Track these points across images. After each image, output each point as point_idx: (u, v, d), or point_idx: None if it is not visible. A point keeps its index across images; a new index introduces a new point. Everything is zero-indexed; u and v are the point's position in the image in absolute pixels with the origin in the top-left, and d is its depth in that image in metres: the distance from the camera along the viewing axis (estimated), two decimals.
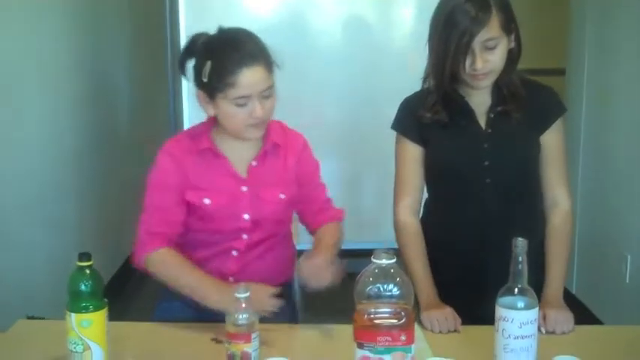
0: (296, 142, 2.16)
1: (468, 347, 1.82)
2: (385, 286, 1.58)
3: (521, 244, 1.62)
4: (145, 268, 2.05)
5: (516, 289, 1.62)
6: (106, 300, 1.70)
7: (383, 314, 1.58)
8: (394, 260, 1.59)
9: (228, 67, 1.92)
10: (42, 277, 3.10)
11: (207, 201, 2.05)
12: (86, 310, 1.65)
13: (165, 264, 2.02)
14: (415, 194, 2.14)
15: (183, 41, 4.27)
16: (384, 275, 1.58)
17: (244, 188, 2.07)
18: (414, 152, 2.11)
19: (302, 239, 2.35)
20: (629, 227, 3.42)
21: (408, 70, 4.52)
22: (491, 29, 1.90)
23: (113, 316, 1.74)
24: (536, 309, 1.63)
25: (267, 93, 1.96)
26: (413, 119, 2.09)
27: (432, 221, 2.17)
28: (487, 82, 2.00)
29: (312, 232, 2.22)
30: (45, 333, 1.94)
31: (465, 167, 2.07)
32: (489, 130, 2.05)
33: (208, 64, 1.95)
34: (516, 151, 2.07)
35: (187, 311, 2.15)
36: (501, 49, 1.94)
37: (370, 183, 4.77)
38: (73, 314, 1.65)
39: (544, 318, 1.90)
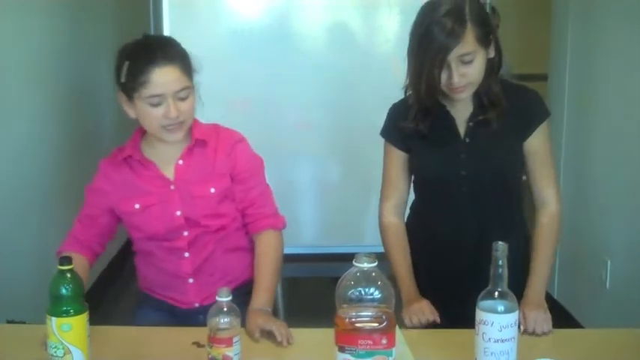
0: (228, 138, 2.16)
1: (449, 350, 1.83)
2: (367, 290, 1.59)
3: (501, 247, 1.63)
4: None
5: (496, 293, 1.63)
6: (86, 304, 1.70)
7: (364, 318, 1.59)
8: (376, 264, 1.59)
9: (141, 66, 1.98)
10: (23, 282, 3.09)
11: (137, 206, 2.10)
12: (67, 314, 1.65)
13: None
14: (399, 196, 2.19)
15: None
16: (366, 279, 1.59)
17: (172, 187, 2.11)
18: (399, 158, 2.16)
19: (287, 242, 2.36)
20: (609, 232, 3.45)
21: (392, 74, 4.53)
22: (467, 44, 1.91)
23: (96, 321, 1.74)
24: (516, 312, 1.64)
25: (184, 94, 2.01)
26: (397, 127, 2.12)
27: (416, 224, 2.23)
28: (466, 94, 2.01)
29: (251, 234, 2.22)
30: (25, 337, 1.93)
31: (442, 177, 2.10)
32: (467, 140, 2.07)
33: (125, 64, 2.02)
34: (492, 160, 2.08)
35: (161, 316, 2.18)
36: (478, 62, 1.94)
37: (353, 187, 4.76)
38: (53, 318, 1.64)
39: (524, 317, 1.92)
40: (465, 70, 1.93)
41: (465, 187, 2.08)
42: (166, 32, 4.40)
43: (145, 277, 2.25)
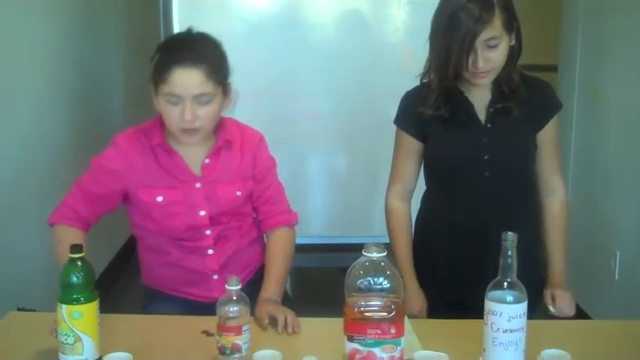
0: (252, 138, 2.16)
1: (458, 340, 1.83)
2: (375, 280, 1.59)
3: (510, 237, 1.63)
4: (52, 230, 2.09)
5: (505, 283, 1.63)
6: (97, 292, 1.71)
7: (373, 307, 1.59)
8: (385, 254, 1.60)
9: (165, 62, 1.94)
10: (34, 270, 3.10)
11: (160, 198, 2.05)
12: (77, 301, 1.66)
13: (60, 242, 2.04)
14: (407, 183, 2.19)
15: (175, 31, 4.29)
16: (375, 268, 1.59)
17: (198, 185, 2.08)
18: (412, 146, 2.15)
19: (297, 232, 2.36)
20: (618, 224, 3.44)
21: (403, 64, 4.56)
22: (494, 28, 1.92)
23: (105, 309, 1.75)
24: (525, 303, 1.64)
25: (205, 99, 1.95)
26: (413, 115, 2.11)
27: (433, 213, 2.22)
28: (488, 80, 2.02)
29: (263, 231, 2.23)
30: (36, 325, 1.94)
31: (464, 161, 2.09)
32: (489, 125, 2.08)
33: (156, 57, 2.00)
34: (515, 146, 2.09)
35: (180, 308, 2.16)
36: (503, 47, 1.96)
37: (362, 178, 4.76)
38: (64, 306, 1.65)
39: (552, 298, 2.05)
40: (490, 55, 1.95)
41: (487, 172, 2.08)
42: (175, 23, 4.40)
43: (154, 275, 2.20)
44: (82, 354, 1.67)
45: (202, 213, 2.08)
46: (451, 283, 2.14)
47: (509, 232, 1.63)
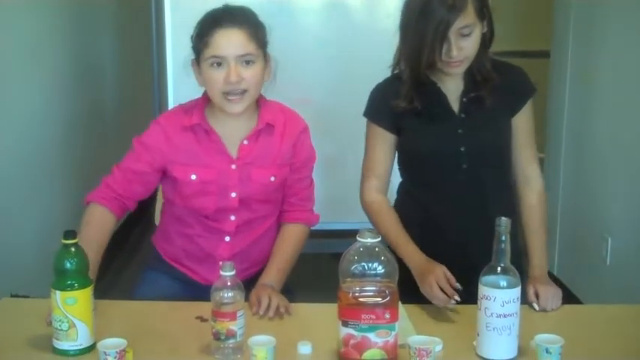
0: (295, 125, 2.14)
1: (451, 325, 1.84)
2: (370, 265, 1.60)
3: (504, 223, 1.64)
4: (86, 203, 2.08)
5: (499, 268, 1.64)
6: (91, 278, 1.70)
7: (367, 292, 1.60)
8: (379, 239, 1.61)
9: (207, 27, 1.98)
10: (28, 256, 3.10)
11: (193, 177, 2.05)
12: (71, 287, 1.66)
13: (88, 223, 2.03)
14: (382, 177, 2.14)
15: (168, 22, 4.27)
16: (369, 254, 1.60)
17: (234, 166, 2.06)
18: (386, 139, 2.11)
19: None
20: (610, 209, 3.45)
21: (391, 50, 4.56)
22: (467, 16, 1.90)
23: (98, 295, 1.75)
24: (519, 288, 1.65)
25: (248, 59, 1.97)
26: (385, 107, 2.08)
27: (409, 206, 2.17)
28: (462, 69, 1.99)
29: (281, 220, 2.21)
30: (29, 311, 1.94)
31: (440, 153, 2.07)
32: (463, 115, 2.06)
33: (197, 28, 2.02)
34: (491, 135, 2.07)
35: (173, 286, 2.17)
36: (476, 35, 1.94)
37: (352, 164, 4.72)
38: (58, 292, 1.65)
39: (536, 295, 1.95)
40: (464, 44, 1.93)
41: (464, 164, 2.06)
42: (167, 8, 4.38)
43: (167, 239, 2.20)
44: (76, 340, 1.67)
45: (233, 195, 2.07)
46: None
47: (503, 218, 1.64)
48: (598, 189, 3.57)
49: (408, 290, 2.07)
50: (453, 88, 2.06)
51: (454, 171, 2.07)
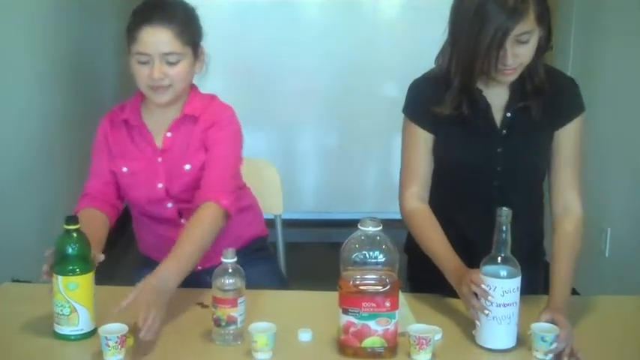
0: (215, 113, 2.10)
1: (450, 315, 1.85)
2: (371, 253, 1.61)
3: (505, 213, 1.64)
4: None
5: (499, 258, 1.65)
6: (92, 263, 1.71)
7: (368, 281, 1.61)
8: (380, 228, 1.61)
9: (136, 22, 2.00)
10: (29, 241, 3.10)
11: (124, 169, 2.10)
12: (73, 272, 1.67)
13: (82, 223, 1.97)
14: (423, 182, 1.98)
15: None
16: (370, 242, 1.61)
17: (159, 159, 2.09)
18: (424, 139, 1.95)
19: (288, 207, 2.36)
20: (609, 201, 3.46)
21: (398, 41, 4.56)
22: (527, 22, 1.72)
23: (98, 282, 1.76)
24: (519, 278, 1.66)
25: (173, 59, 1.99)
26: (427, 108, 1.92)
27: (433, 211, 1.99)
28: (514, 77, 1.83)
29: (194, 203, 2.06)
30: (31, 296, 1.95)
31: (475, 169, 1.94)
32: (504, 132, 1.92)
33: (130, 18, 2.04)
34: (531, 157, 1.95)
35: None
36: (533, 42, 1.77)
37: (354, 154, 4.78)
38: (60, 277, 1.66)
39: (560, 329, 1.67)
40: (520, 51, 1.76)
41: (496, 182, 1.94)
42: None
43: (141, 240, 2.26)
44: (77, 325, 1.68)
45: (160, 185, 2.09)
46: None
47: (504, 208, 1.64)
48: (597, 180, 3.58)
49: (419, 283, 2.09)
50: (497, 96, 1.90)
51: (485, 187, 1.95)
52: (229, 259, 1.67)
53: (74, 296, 1.67)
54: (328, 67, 4.63)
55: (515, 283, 1.65)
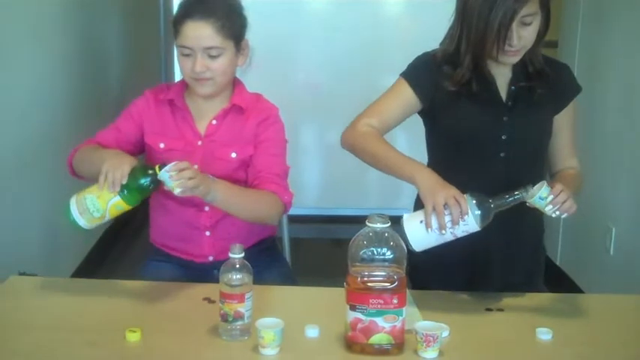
0: (265, 109, 2.17)
1: (457, 312, 1.85)
2: (379, 250, 1.61)
3: (527, 190, 1.77)
4: (71, 160, 2.13)
5: (486, 204, 1.76)
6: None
7: (376, 277, 1.60)
8: (389, 224, 1.61)
9: (180, 15, 2.06)
10: (34, 235, 3.11)
11: (162, 145, 2.14)
12: (128, 202, 1.81)
13: (84, 149, 2.12)
14: (385, 123, 2.01)
15: (176, 2, 4.25)
16: (378, 239, 1.61)
17: (200, 142, 2.13)
18: (409, 99, 2.01)
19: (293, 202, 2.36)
20: (614, 200, 3.46)
21: (402, 36, 4.55)
22: (532, 5, 1.85)
23: (102, 275, 1.76)
24: (478, 230, 1.77)
25: (214, 53, 2.04)
26: (429, 79, 2.00)
27: None
28: (517, 58, 1.93)
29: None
30: (37, 289, 1.96)
31: (481, 139, 2.00)
32: (510, 103, 2.00)
33: (176, 11, 2.10)
34: (534, 128, 2.03)
35: (177, 271, 2.19)
36: (535, 24, 1.89)
37: None
38: (117, 197, 1.80)
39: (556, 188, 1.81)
40: (524, 33, 1.87)
41: (503, 152, 2.00)
42: None
43: (158, 227, 2.25)
44: (89, 224, 1.84)
45: (195, 167, 2.08)
46: (460, 271, 2.03)
47: (535, 188, 1.77)
48: (602, 178, 3.57)
49: (420, 278, 2.08)
50: (501, 74, 2.00)
51: (491, 158, 2.01)
52: (237, 255, 1.67)
53: (111, 213, 1.82)
54: (333, 63, 4.63)
55: (475, 229, 1.76)
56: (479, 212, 1.75)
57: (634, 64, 3.32)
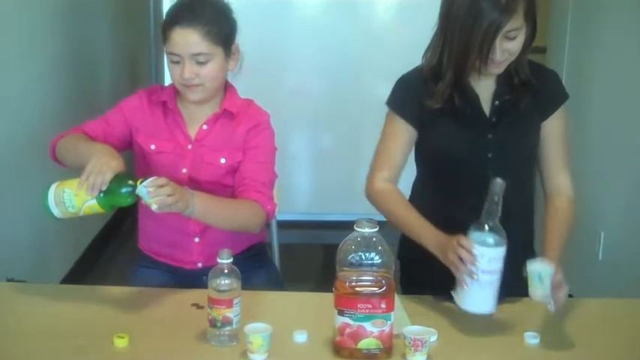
0: (256, 115, 2.17)
1: (445, 316, 1.85)
2: (367, 255, 1.61)
3: (499, 183, 1.67)
4: (54, 147, 2.15)
5: (487, 226, 1.69)
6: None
7: (364, 282, 1.61)
8: (377, 229, 1.61)
9: (168, 22, 2.05)
10: (22, 241, 3.10)
11: (153, 146, 2.13)
12: (102, 206, 1.81)
13: (70, 136, 2.13)
14: (395, 171, 2.02)
15: (166, 7, 4.25)
16: (366, 244, 1.61)
17: (189, 146, 2.13)
18: (406, 132, 2.00)
19: (282, 209, 2.36)
20: (603, 204, 3.47)
21: (393, 43, 4.56)
22: (517, 19, 1.80)
23: (92, 281, 1.76)
24: (505, 247, 1.69)
25: (203, 59, 2.03)
26: (412, 101, 1.97)
27: (423, 204, 2.00)
28: (501, 70, 1.90)
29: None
30: (26, 296, 1.95)
31: (467, 158, 1.98)
32: (494, 119, 1.96)
33: (164, 17, 2.09)
34: (520, 144, 2.00)
35: (166, 277, 2.19)
36: (521, 37, 1.84)
37: (347, 156, 4.78)
38: (94, 200, 1.80)
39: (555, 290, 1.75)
40: (508, 46, 1.83)
41: (490, 170, 1.91)
42: None
43: (147, 233, 2.25)
44: (62, 215, 1.86)
45: (184, 171, 2.12)
46: (445, 276, 1.92)
47: (498, 179, 1.68)
48: (591, 184, 3.59)
49: (412, 283, 2.09)
50: (485, 87, 1.96)
51: (478, 176, 1.93)
52: (225, 260, 1.67)
53: (85, 212, 1.83)
54: (322, 68, 4.63)
55: (501, 252, 1.69)
56: (490, 238, 1.69)
57: (622, 70, 3.34)
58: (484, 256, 1.67)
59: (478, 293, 1.70)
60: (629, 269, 3.19)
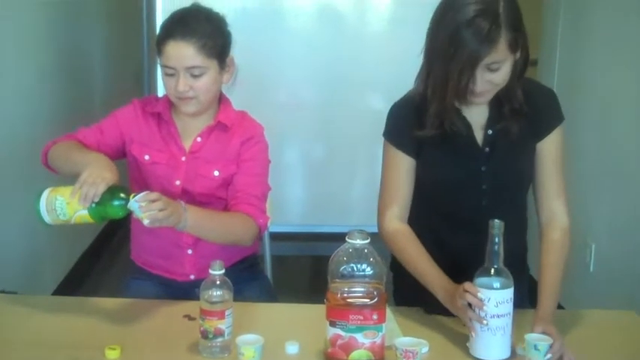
0: (250, 128, 2.18)
1: (437, 328, 1.85)
2: (359, 266, 1.61)
3: (497, 225, 1.67)
4: (46, 153, 2.13)
5: (492, 270, 1.68)
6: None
7: (356, 293, 1.61)
8: (368, 241, 1.62)
9: (162, 35, 2.05)
10: (14, 253, 3.09)
11: (147, 157, 2.13)
12: (93, 217, 1.80)
13: (64, 143, 2.11)
14: (403, 203, 1.99)
15: (159, 15, 4.27)
16: (358, 255, 1.62)
17: (183, 158, 2.13)
18: (406, 163, 1.97)
19: (274, 220, 2.36)
20: (594, 216, 3.48)
21: (383, 53, 4.58)
22: (498, 52, 1.74)
23: (83, 293, 1.75)
24: (512, 289, 1.68)
25: (197, 72, 2.03)
26: (407, 130, 1.94)
27: (418, 230, 1.99)
28: (486, 99, 1.87)
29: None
30: (17, 307, 1.94)
31: (461, 189, 1.96)
32: (487, 150, 1.93)
33: (159, 30, 2.09)
34: (516, 172, 1.97)
35: (159, 289, 2.18)
36: (505, 69, 1.79)
37: (340, 167, 4.79)
38: (85, 211, 1.79)
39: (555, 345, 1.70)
40: (491, 77, 1.79)
41: (484, 200, 1.94)
42: (159, 7, 4.39)
43: (140, 245, 2.25)
44: (52, 221, 1.85)
45: (177, 182, 2.12)
46: (436, 299, 1.93)
47: (496, 220, 1.67)
48: (582, 195, 3.60)
49: (405, 301, 2.08)
50: (477, 115, 1.92)
51: (473, 205, 1.95)
52: (217, 271, 1.67)
53: (76, 221, 1.82)
54: (315, 80, 4.64)
55: (509, 293, 1.68)
56: (496, 282, 1.68)
57: (613, 82, 3.36)
58: (492, 300, 1.66)
59: (490, 339, 1.68)
60: (620, 281, 3.19)
